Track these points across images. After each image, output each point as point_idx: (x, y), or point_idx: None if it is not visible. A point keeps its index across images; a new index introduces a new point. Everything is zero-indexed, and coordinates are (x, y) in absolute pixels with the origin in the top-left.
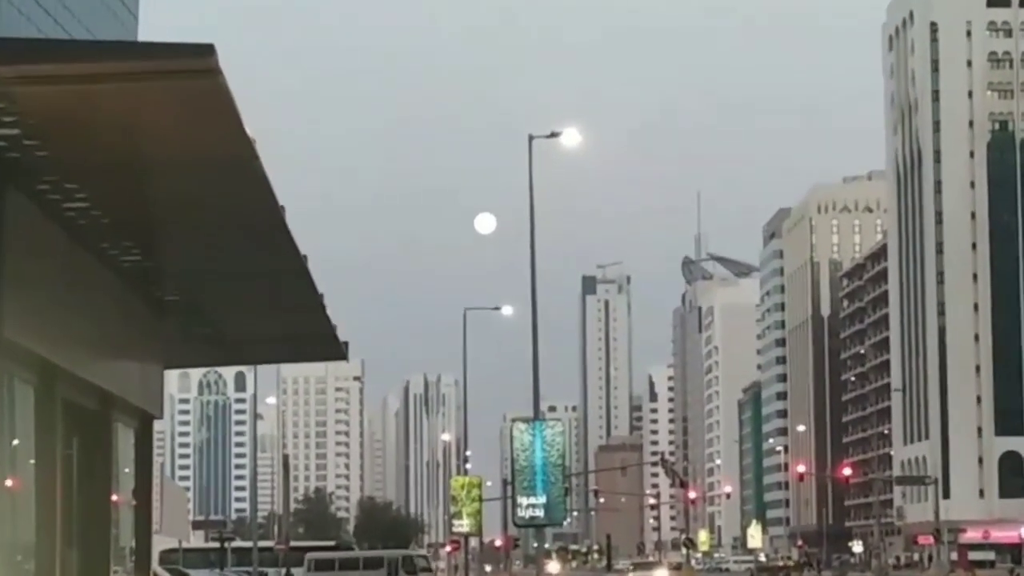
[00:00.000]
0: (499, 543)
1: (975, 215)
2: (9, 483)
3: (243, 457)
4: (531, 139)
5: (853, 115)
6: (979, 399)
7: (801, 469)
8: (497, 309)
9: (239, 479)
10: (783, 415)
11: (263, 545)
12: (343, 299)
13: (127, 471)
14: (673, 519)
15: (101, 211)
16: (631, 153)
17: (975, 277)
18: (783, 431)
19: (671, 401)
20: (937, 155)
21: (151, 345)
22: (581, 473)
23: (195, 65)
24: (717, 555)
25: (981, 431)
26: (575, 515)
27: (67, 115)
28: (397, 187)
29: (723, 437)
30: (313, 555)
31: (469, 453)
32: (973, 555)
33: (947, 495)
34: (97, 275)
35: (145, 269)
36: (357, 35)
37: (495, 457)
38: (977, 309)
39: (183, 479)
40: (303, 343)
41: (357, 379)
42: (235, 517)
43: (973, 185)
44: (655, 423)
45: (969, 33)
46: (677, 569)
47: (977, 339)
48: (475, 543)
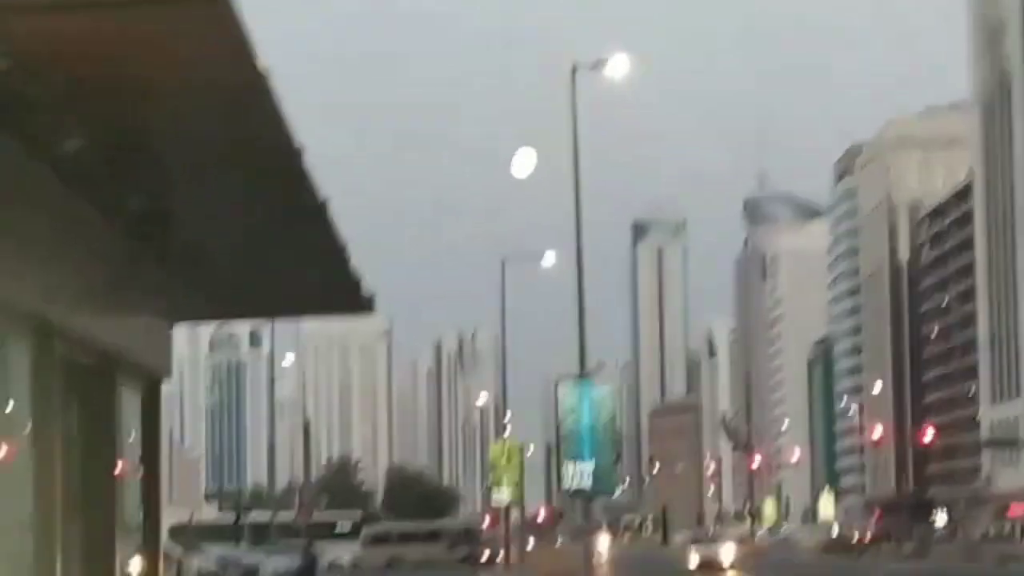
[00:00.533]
0: (543, 515)
1: None
2: (3, 451)
3: (259, 422)
4: (574, 70)
5: (933, 38)
6: None
7: (878, 433)
8: (539, 258)
9: (255, 446)
10: (857, 373)
11: (282, 518)
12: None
13: (133, 437)
14: (736, 488)
15: (98, 152)
16: (685, 83)
17: None
18: (857, 390)
19: (732, 357)
20: None
21: (157, 298)
22: (633, 437)
23: None
24: (785, 526)
25: None
26: (627, 484)
27: (59, 47)
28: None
29: (790, 397)
30: (370, 529)
31: (509, 416)
32: None
33: None
34: (96, 223)
35: (148, 216)
36: None
37: (538, 420)
38: None
39: (194, 446)
40: (324, 296)
41: (384, 336)
42: (251, 488)
43: None
44: (714, 381)
45: None
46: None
47: None
48: (516, 515)
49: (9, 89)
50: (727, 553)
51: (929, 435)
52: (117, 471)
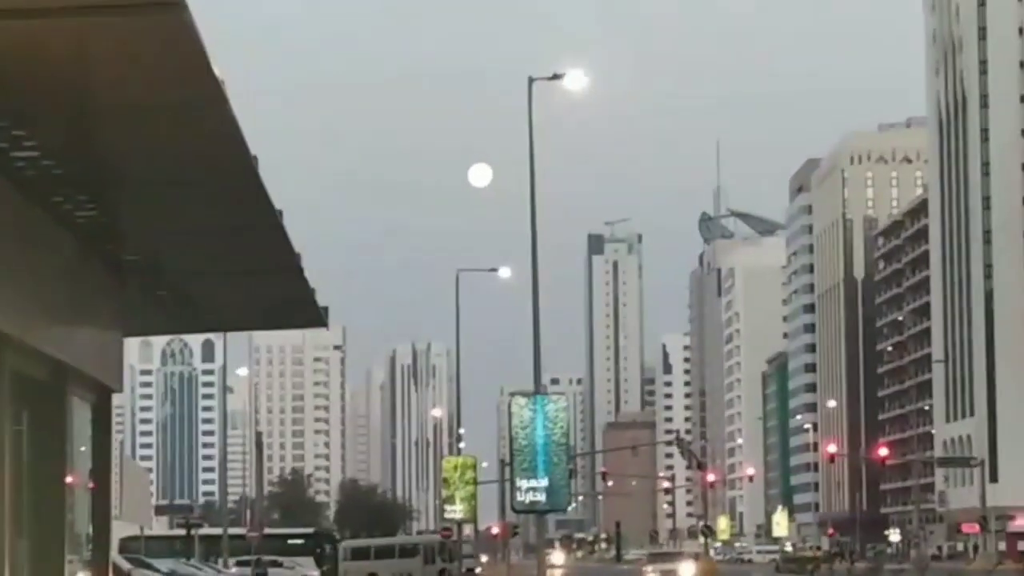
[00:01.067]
0: (496, 531)
1: None
2: None
3: (211, 435)
4: (531, 81)
5: (890, 55)
6: None
7: (832, 449)
8: (494, 271)
9: (207, 459)
10: (812, 389)
11: (234, 532)
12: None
13: (83, 450)
14: (690, 504)
15: (53, 161)
16: (643, 98)
17: None
18: (812, 407)
19: (687, 373)
20: (984, 100)
21: (109, 310)
22: (587, 453)
23: None
24: (739, 544)
25: None
26: (580, 500)
27: (14, 54)
28: (382, 137)
29: (745, 414)
30: (349, 543)
31: (463, 431)
32: (1023, 545)
33: (994, 478)
34: (50, 233)
35: (102, 226)
36: None
37: (491, 436)
38: None
39: (145, 459)
40: (278, 308)
41: (338, 348)
42: (203, 501)
43: None
44: (669, 398)
45: None
46: (694, 560)
47: None
48: (469, 531)
49: None
50: (687, 571)
51: (883, 452)
52: (67, 484)
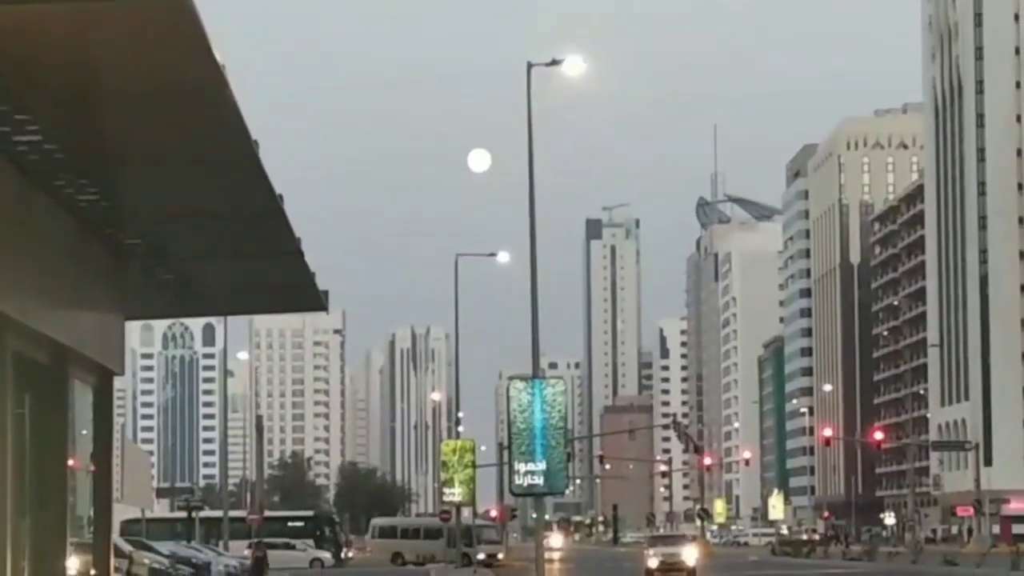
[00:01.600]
0: (494, 514)
1: (1021, 152)
2: None
3: (212, 418)
4: (530, 67)
5: (886, 41)
6: None
7: (828, 433)
8: (492, 255)
9: (208, 443)
10: (808, 373)
11: (235, 515)
12: (323, 243)
13: (85, 433)
14: (686, 488)
15: (55, 145)
16: (640, 84)
17: (1021, 221)
18: (808, 391)
19: (684, 358)
20: (979, 85)
21: (111, 293)
22: (585, 437)
23: None
24: (735, 527)
25: None
26: (578, 483)
27: (17, 39)
28: (383, 121)
29: (741, 397)
30: (377, 521)
31: (461, 414)
32: (1017, 528)
33: (989, 462)
34: (52, 216)
35: (104, 209)
36: None
37: (490, 419)
38: (1023, 256)
39: (146, 442)
40: (278, 292)
41: (338, 332)
42: (203, 484)
43: (1020, 119)
44: (666, 382)
45: None
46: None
47: (1023, 289)
48: (468, 513)
49: None
50: (690, 555)
51: (879, 436)
52: (69, 466)
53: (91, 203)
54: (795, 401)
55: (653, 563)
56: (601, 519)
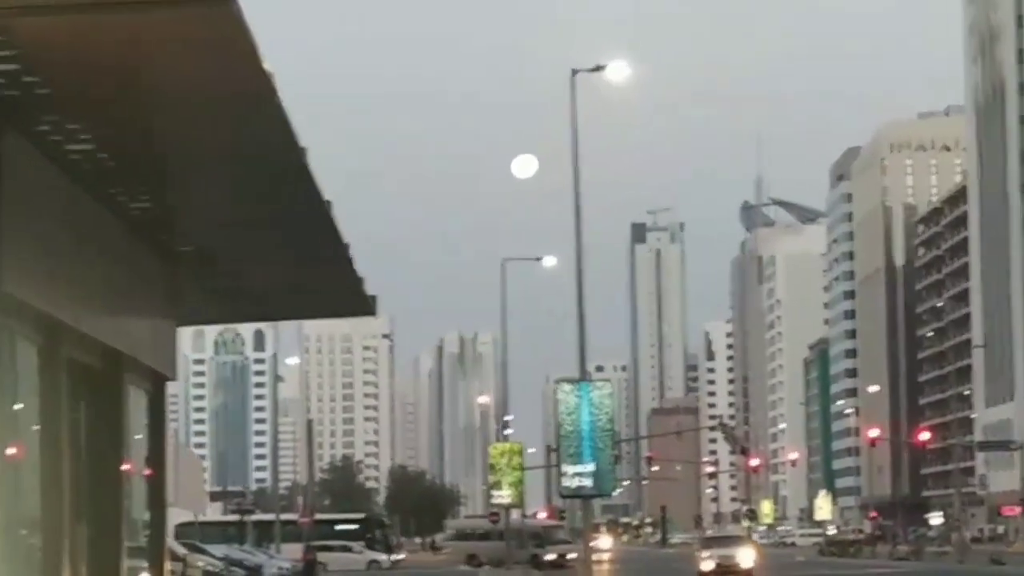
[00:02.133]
0: (543, 516)
1: None
2: (11, 451)
3: (263, 423)
4: (574, 73)
5: (928, 45)
6: None
7: (873, 434)
8: (538, 260)
9: (259, 447)
10: (853, 375)
11: (286, 518)
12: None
13: (139, 437)
14: (733, 489)
15: (107, 154)
16: (685, 88)
17: None
18: (853, 392)
19: (730, 360)
20: (1021, 87)
21: (163, 299)
22: (632, 439)
23: None
24: (782, 528)
25: None
26: (626, 485)
27: (69, 48)
28: (430, 128)
29: (787, 399)
30: (454, 523)
31: (509, 417)
32: None
33: None
34: (104, 224)
35: (156, 217)
36: None
37: (537, 422)
38: None
39: (198, 447)
40: (328, 297)
41: (386, 337)
42: (255, 488)
43: None
44: (712, 384)
45: None
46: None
47: None
48: (516, 516)
49: (20, 90)
50: (746, 556)
51: (924, 437)
52: (123, 470)
53: (143, 210)
54: (840, 402)
55: (708, 566)
56: (649, 520)
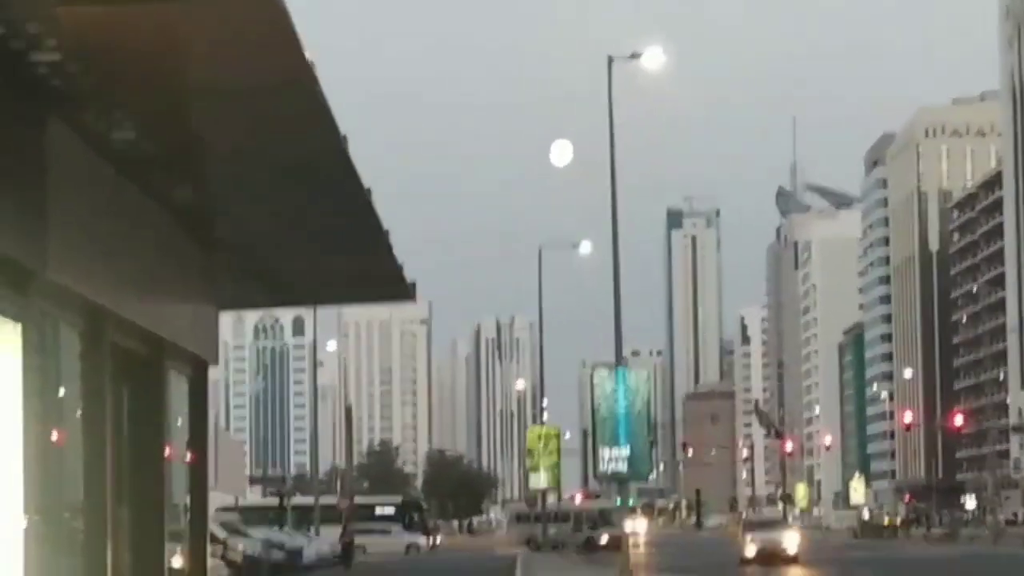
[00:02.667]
0: (579, 499)
1: None
2: (55, 435)
3: (303, 408)
4: (611, 60)
5: (963, 30)
6: None
7: (908, 418)
8: (575, 246)
9: (299, 431)
10: (888, 359)
11: (325, 502)
12: (409, 236)
13: (180, 422)
14: (768, 473)
15: (149, 142)
16: (720, 75)
17: None
18: (888, 376)
19: (765, 344)
20: None
21: (204, 285)
22: (668, 423)
23: None
24: (816, 511)
25: None
26: (661, 469)
27: (111, 38)
28: (467, 117)
29: (822, 383)
30: (513, 508)
31: (546, 402)
32: None
33: None
34: (146, 211)
35: (197, 204)
36: None
37: (574, 406)
38: None
39: (238, 431)
40: (367, 283)
41: (424, 322)
42: (294, 472)
43: None
44: (747, 368)
45: None
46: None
47: None
48: (553, 499)
49: (63, 80)
50: (792, 541)
51: (959, 421)
52: (165, 455)
53: (184, 198)
54: (875, 386)
55: (751, 551)
56: (684, 503)
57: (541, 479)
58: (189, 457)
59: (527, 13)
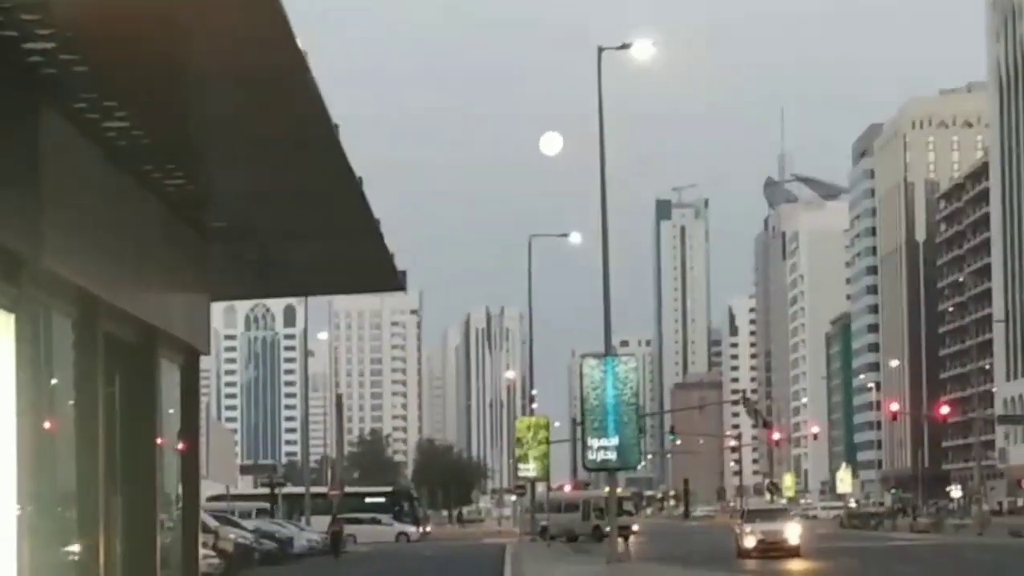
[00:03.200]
0: (568, 489)
1: None
2: (47, 425)
3: (293, 397)
4: (600, 51)
5: (950, 21)
6: None
7: (894, 408)
8: (565, 236)
9: (289, 421)
10: (875, 349)
11: (316, 491)
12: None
13: (172, 411)
14: (756, 462)
15: (143, 131)
16: (709, 66)
17: None
18: (875, 367)
19: (753, 335)
20: None
21: (197, 275)
22: (656, 413)
23: None
24: (804, 501)
25: None
26: (650, 458)
27: (105, 26)
28: (457, 106)
29: (809, 373)
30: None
31: (535, 392)
32: None
33: None
34: (140, 200)
35: (189, 193)
36: None
37: (563, 396)
38: None
39: (230, 421)
40: (358, 272)
41: (414, 312)
42: (285, 461)
43: None
44: (736, 359)
45: None
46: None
47: None
48: (542, 489)
49: (57, 68)
50: (793, 532)
51: (945, 410)
52: (157, 444)
53: (177, 187)
54: (862, 376)
55: (750, 541)
56: (672, 493)
57: (530, 469)
58: (181, 446)
59: (515, 6)
